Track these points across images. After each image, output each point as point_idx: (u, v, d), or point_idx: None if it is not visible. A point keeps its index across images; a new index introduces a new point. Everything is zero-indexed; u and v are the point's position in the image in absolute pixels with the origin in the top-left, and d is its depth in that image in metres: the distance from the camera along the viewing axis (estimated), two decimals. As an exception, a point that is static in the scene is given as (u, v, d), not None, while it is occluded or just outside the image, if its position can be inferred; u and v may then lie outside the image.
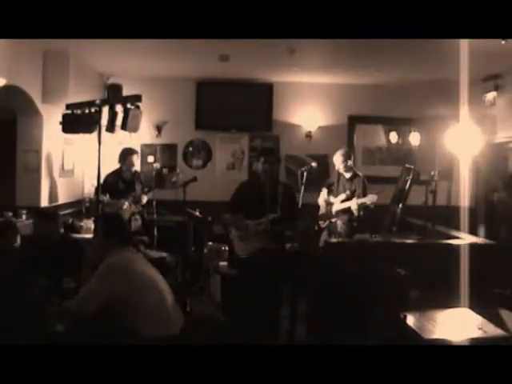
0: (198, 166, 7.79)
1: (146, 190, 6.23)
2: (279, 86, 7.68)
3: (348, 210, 5.47)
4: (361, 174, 5.71)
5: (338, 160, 5.60)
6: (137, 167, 6.47)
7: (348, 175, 5.63)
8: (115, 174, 6.18)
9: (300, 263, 4.62)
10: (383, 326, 3.29)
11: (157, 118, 7.55)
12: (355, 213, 5.41)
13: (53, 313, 2.95)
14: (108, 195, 5.77)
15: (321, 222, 5.43)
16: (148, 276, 3.09)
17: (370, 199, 5.31)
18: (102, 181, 5.85)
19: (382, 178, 6.87)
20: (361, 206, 5.39)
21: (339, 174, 5.68)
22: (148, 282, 3.04)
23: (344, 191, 5.56)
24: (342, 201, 5.52)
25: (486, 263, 4.25)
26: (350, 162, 5.60)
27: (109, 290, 2.91)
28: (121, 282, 2.93)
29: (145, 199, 6.18)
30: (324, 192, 5.72)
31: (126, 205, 5.88)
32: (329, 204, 5.62)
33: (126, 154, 6.17)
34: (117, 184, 6.08)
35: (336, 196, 5.60)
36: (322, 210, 5.66)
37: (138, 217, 6.02)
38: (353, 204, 5.40)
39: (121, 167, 6.20)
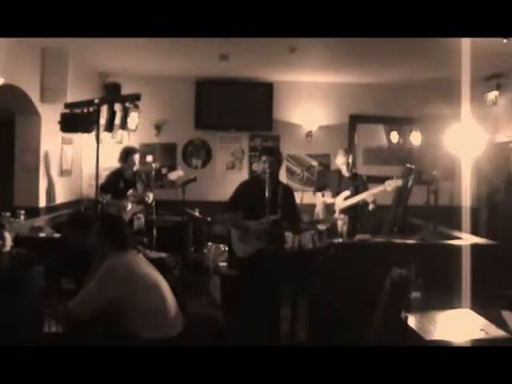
0: (198, 165, 7.78)
1: (148, 189, 5.97)
2: (279, 85, 7.65)
3: (353, 208, 5.56)
4: (358, 172, 5.91)
5: (340, 160, 5.74)
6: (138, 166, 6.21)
7: (349, 174, 5.75)
8: (116, 174, 5.99)
9: (300, 264, 4.60)
10: (384, 326, 3.26)
11: (156, 117, 7.52)
12: (372, 205, 5.51)
13: (51, 314, 2.92)
14: (109, 195, 5.66)
15: (319, 225, 5.40)
16: (149, 278, 3.07)
17: (394, 182, 5.37)
18: (103, 181, 5.81)
19: (383, 177, 6.82)
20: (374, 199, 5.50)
21: (340, 174, 5.72)
22: (149, 284, 3.02)
23: (347, 189, 5.62)
24: (346, 198, 5.57)
25: (488, 264, 4.23)
26: (351, 161, 5.76)
27: (109, 293, 2.89)
28: (122, 284, 2.91)
29: (151, 197, 5.94)
30: (319, 194, 5.73)
31: (129, 206, 5.76)
32: (327, 205, 5.64)
33: (128, 153, 5.97)
34: (118, 184, 5.89)
35: (335, 196, 5.62)
36: (320, 212, 5.67)
37: (140, 215, 5.87)
38: (368, 194, 5.51)
39: (122, 166, 5.99)
